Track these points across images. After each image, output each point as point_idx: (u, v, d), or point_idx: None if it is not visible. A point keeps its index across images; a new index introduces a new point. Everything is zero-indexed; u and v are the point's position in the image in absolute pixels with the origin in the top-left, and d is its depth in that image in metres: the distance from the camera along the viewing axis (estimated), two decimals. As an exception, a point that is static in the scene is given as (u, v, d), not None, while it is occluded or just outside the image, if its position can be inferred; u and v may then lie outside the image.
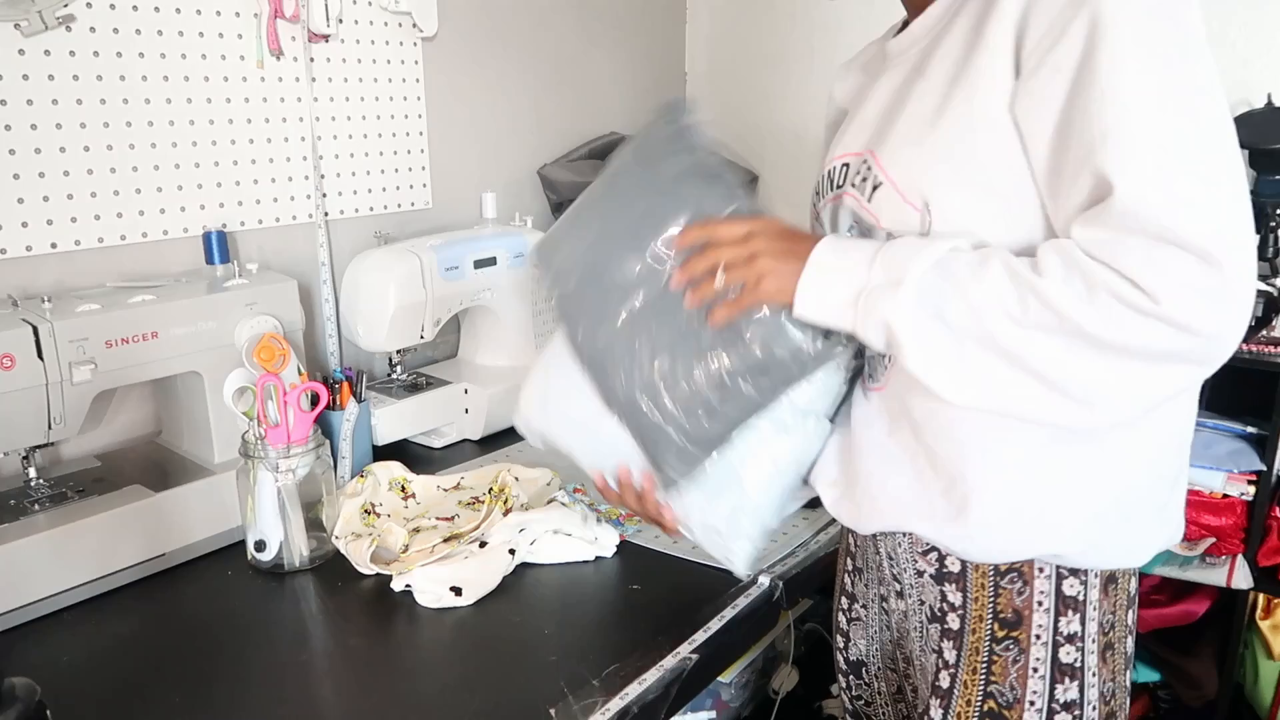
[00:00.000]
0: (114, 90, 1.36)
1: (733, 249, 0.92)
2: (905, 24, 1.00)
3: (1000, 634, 0.93)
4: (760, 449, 1.00)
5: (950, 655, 0.96)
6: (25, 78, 1.27)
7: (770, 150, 2.43)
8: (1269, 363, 1.55)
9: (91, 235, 1.36)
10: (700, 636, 1.11)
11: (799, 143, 2.36)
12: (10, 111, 1.26)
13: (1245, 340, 1.58)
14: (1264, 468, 1.58)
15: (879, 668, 1.14)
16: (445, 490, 1.45)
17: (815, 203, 1.05)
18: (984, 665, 0.94)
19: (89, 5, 1.31)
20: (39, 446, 1.22)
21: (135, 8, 1.36)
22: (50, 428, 1.16)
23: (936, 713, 0.96)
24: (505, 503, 1.31)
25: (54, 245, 1.33)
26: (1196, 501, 1.63)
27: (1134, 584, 0.96)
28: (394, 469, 1.40)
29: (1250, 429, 1.63)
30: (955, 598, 0.95)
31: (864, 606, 1.13)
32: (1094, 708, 0.93)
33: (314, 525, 1.26)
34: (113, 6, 1.33)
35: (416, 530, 1.30)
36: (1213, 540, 1.64)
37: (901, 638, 1.06)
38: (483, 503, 1.36)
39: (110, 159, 1.37)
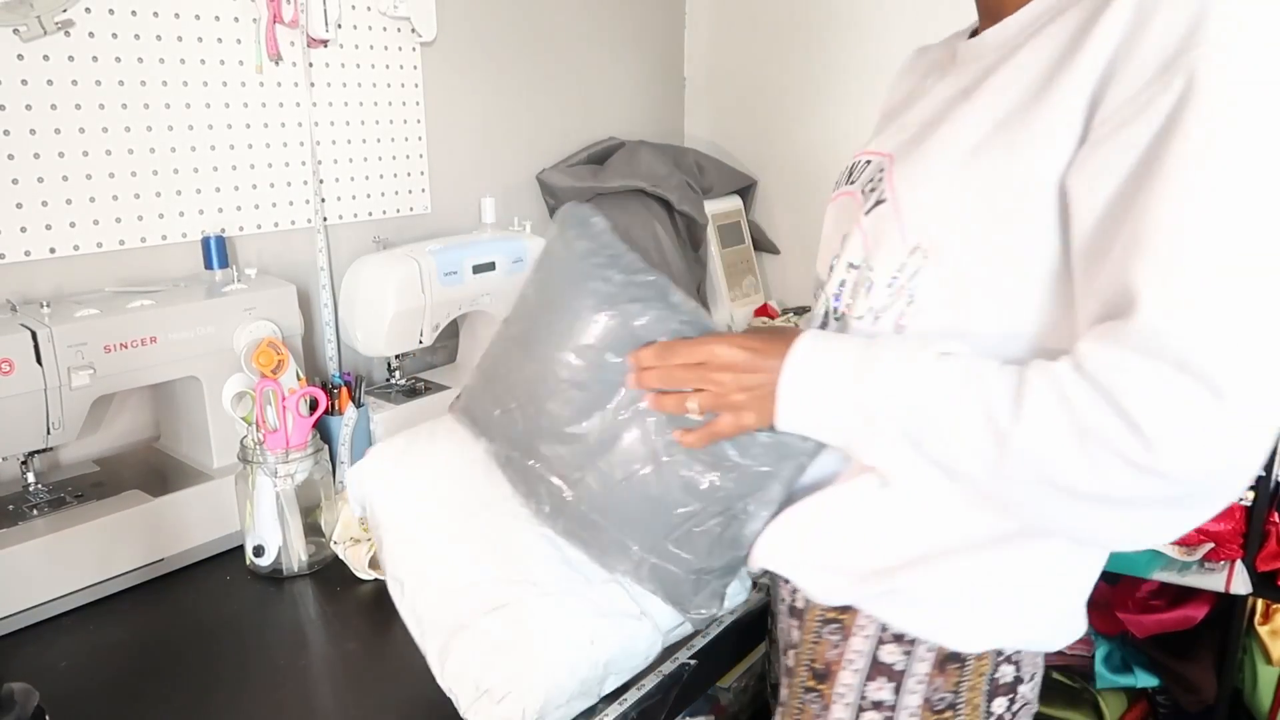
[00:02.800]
0: (112, 95, 1.36)
1: (706, 381, 0.86)
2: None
3: (810, 684, 0.90)
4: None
5: (783, 692, 0.95)
6: (24, 83, 1.27)
7: (769, 155, 2.43)
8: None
9: (90, 240, 1.36)
10: (699, 642, 1.10)
11: (797, 149, 2.36)
12: (8, 117, 1.26)
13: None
14: (1263, 473, 1.58)
15: None
16: None
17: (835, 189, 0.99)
18: (796, 711, 0.92)
19: (88, 10, 1.31)
20: (37, 451, 1.22)
21: (134, 13, 1.36)
22: (49, 433, 1.16)
23: None
24: None
25: (53, 250, 1.33)
26: (1195, 506, 1.63)
27: (1008, 670, 0.86)
28: None
29: (1249, 434, 1.63)
30: (794, 635, 0.94)
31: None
32: None
33: (312, 530, 1.26)
34: (111, 11, 1.34)
35: (415, 535, 1.30)
36: (1211, 545, 1.64)
37: None
38: None
39: (109, 164, 1.37)
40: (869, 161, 0.91)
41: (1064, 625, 0.87)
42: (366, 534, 1.28)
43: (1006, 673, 0.86)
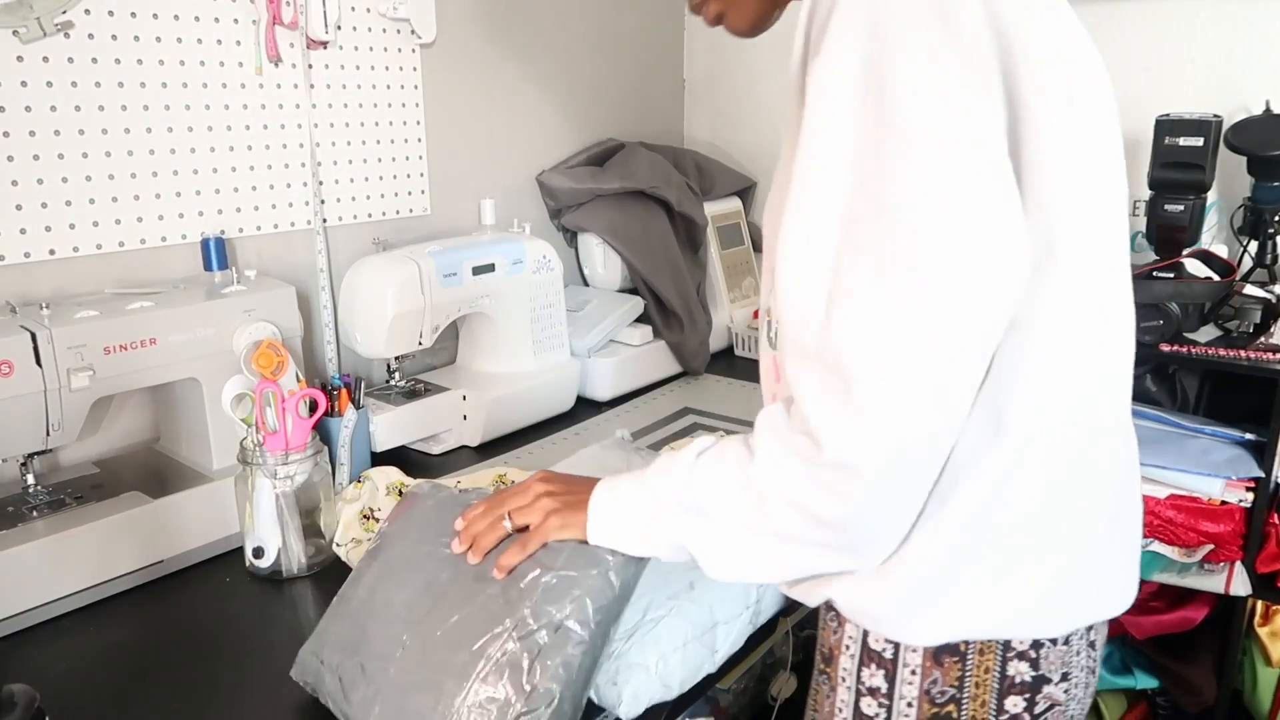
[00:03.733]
0: (112, 97, 1.36)
1: (515, 499, 0.98)
2: None
3: (821, 666, 0.93)
4: None
5: (814, 670, 0.98)
6: (23, 84, 1.27)
7: (768, 157, 2.43)
8: (1267, 369, 1.55)
9: (90, 242, 1.36)
10: (699, 643, 1.10)
11: (797, 149, 2.36)
12: (8, 118, 1.26)
13: (1243, 347, 1.59)
14: (1262, 474, 1.58)
15: None
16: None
17: None
18: (814, 690, 0.96)
19: (87, 12, 1.31)
20: (37, 453, 1.21)
21: (134, 14, 1.36)
22: (48, 434, 1.16)
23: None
24: None
25: (52, 252, 1.33)
26: (1195, 508, 1.63)
27: (1022, 666, 0.84)
28: (391, 474, 1.40)
29: (1249, 435, 1.63)
30: (820, 621, 0.96)
31: None
32: None
33: (312, 532, 1.26)
34: (111, 13, 1.34)
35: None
36: (1211, 547, 1.64)
37: None
38: None
39: (108, 165, 1.37)
40: None
41: (1041, 610, 0.83)
42: (368, 534, 1.28)
43: (1021, 669, 0.83)
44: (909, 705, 0.86)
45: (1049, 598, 0.83)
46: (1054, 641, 0.84)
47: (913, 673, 0.85)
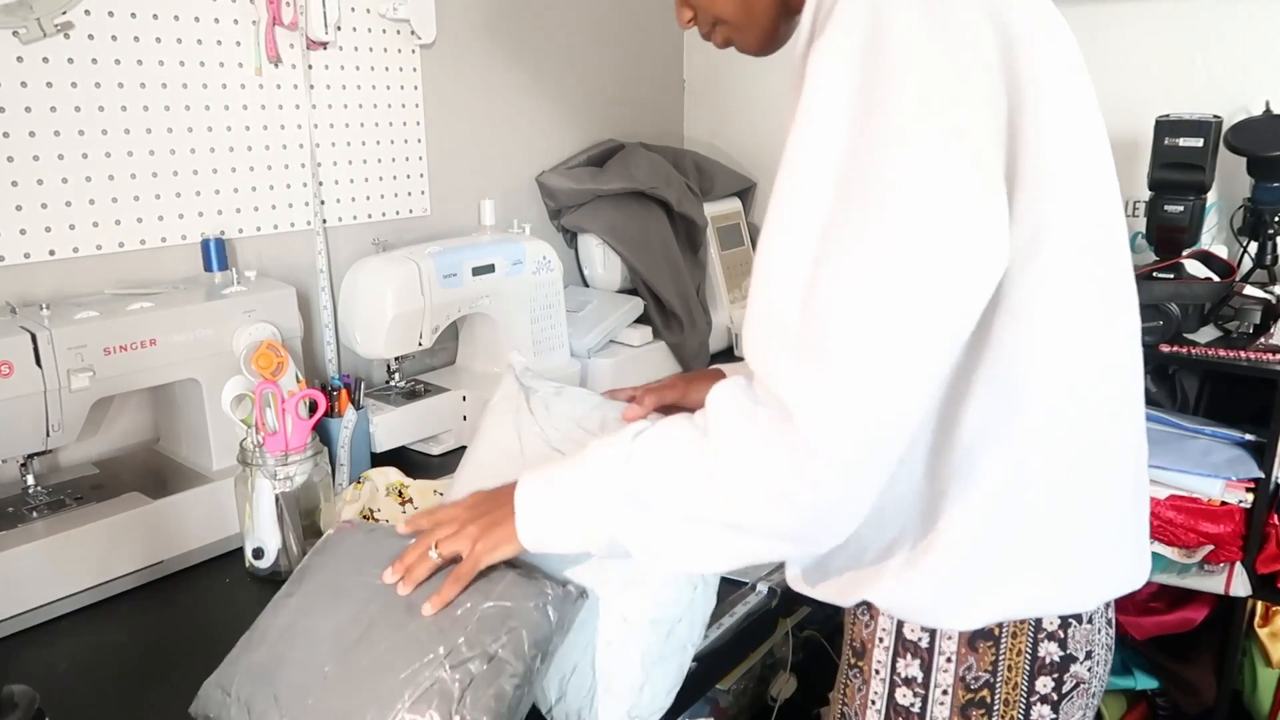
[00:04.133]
0: (112, 97, 1.36)
1: (440, 529, 0.93)
2: None
3: (852, 660, 0.94)
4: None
5: (842, 664, 0.98)
6: (23, 85, 1.27)
7: (768, 157, 2.43)
8: (1267, 370, 1.55)
9: (90, 242, 1.36)
10: (700, 644, 1.10)
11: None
12: (8, 119, 1.26)
13: (1242, 348, 1.59)
14: (1262, 475, 1.58)
15: None
16: (441, 495, 1.44)
17: None
18: (842, 684, 0.96)
19: (87, 13, 1.31)
20: (37, 454, 1.22)
21: (134, 15, 1.36)
22: (48, 435, 1.16)
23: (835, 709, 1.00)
24: None
25: (52, 252, 1.33)
26: (1195, 509, 1.63)
27: (1052, 647, 0.86)
28: (390, 474, 1.40)
29: (1248, 436, 1.63)
30: (849, 617, 0.97)
31: None
32: None
33: (312, 532, 1.26)
34: (111, 14, 1.34)
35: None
36: (1211, 548, 1.64)
37: None
38: None
39: (108, 166, 1.37)
40: None
41: (1084, 579, 0.86)
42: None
43: (1051, 650, 0.86)
44: (944, 693, 0.87)
45: (1078, 573, 0.85)
46: (1079, 619, 0.86)
47: (948, 660, 0.86)
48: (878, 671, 0.90)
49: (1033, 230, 0.76)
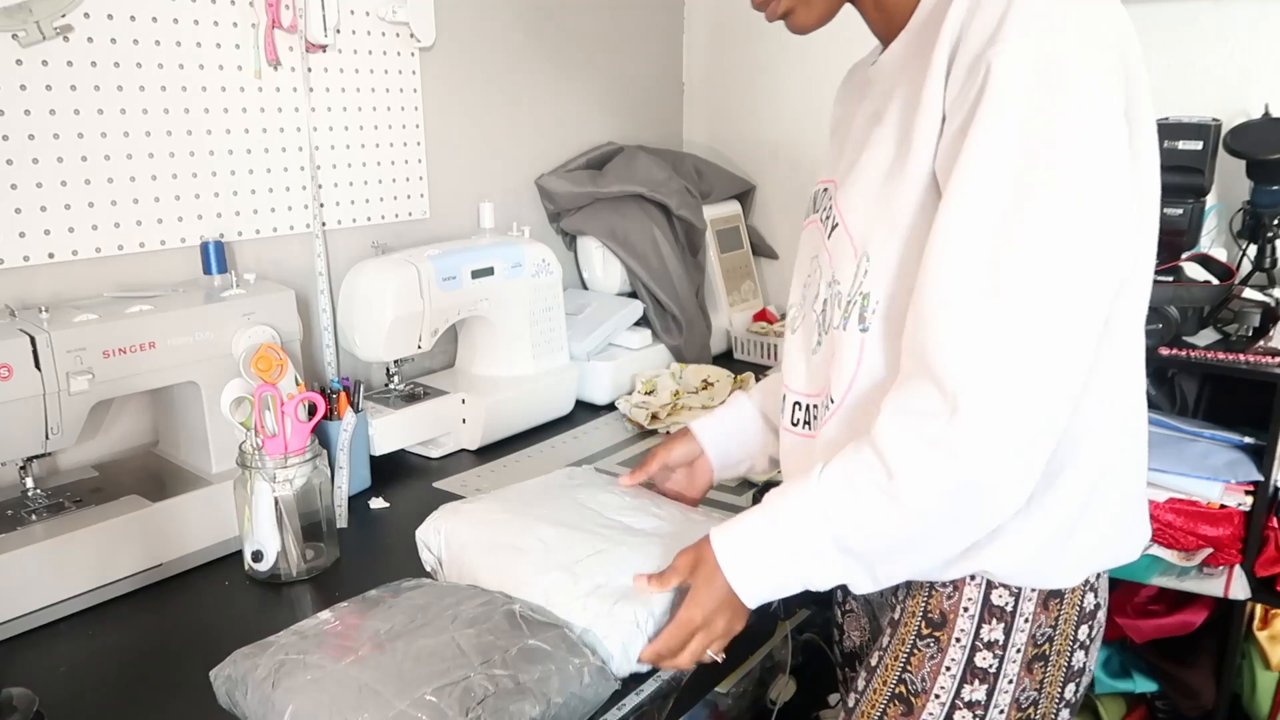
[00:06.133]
0: (111, 100, 1.36)
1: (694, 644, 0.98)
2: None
3: (925, 631, 0.97)
4: None
5: (885, 639, 1.01)
6: (23, 88, 1.27)
7: (767, 160, 2.43)
8: (1266, 373, 1.55)
9: (89, 245, 1.36)
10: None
11: (795, 153, 2.37)
12: (7, 122, 1.26)
13: (1242, 351, 1.59)
14: (1261, 478, 1.58)
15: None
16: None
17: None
18: (905, 655, 0.99)
19: (87, 16, 1.31)
20: (36, 456, 1.21)
21: (133, 18, 1.36)
22: (47, 438, 1.16)
23: (861, 682, 1.02)
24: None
25: (51, 255, 1.33)
26: (1194, 512, 1.63)
27: (1091, 597, 0.97)
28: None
29: (1248, 439, 1.63)
30: (901, 592, 1.01)
31: (854, 600, 1.16)
32: (1002, 712, 0.95)
33: (311, 535, 1.26)
34: (110, 17, 1.34)
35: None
36: (1210, 551, 1.64)
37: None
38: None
39: (108, 169, 1.37)
40: (825, 190, 1.03)
41: (1134, 533, 0.98)
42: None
43: (1090, 600, 0.96)
44: (1017, 651, 0.95)
45: (1132, 528, 0.98)
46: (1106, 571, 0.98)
47: (1025, 620, 0.94)
48: (958, 639, 0.95)
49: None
